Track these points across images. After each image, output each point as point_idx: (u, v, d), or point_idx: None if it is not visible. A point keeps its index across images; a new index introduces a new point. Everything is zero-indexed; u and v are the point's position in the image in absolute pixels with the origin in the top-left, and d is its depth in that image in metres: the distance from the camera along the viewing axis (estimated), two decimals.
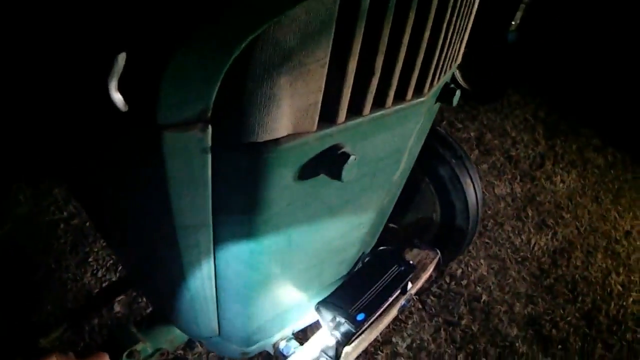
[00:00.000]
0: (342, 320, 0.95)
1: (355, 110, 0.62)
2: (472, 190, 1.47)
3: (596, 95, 3.76)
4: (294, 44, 0.49)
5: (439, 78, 0.75)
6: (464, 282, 1.97)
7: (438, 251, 1.33)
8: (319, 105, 0.58)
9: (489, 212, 2.41)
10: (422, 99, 0.73)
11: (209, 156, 0.56)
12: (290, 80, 0.51)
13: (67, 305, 1.41)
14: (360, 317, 0.95)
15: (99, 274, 1.50)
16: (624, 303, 2.18)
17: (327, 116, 0.60)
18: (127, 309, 1.45)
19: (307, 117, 0.57)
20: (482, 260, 2.10)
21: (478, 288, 1.98)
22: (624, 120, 3.60)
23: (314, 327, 1.11)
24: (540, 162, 2.81)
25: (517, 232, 2.30)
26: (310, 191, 0.68)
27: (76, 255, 1.54)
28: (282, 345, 1.06)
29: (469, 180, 1.47)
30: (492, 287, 2.00)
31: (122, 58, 0.44)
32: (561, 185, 2.69)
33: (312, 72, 0.53)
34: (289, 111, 0.54)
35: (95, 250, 1.58)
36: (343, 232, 0.91)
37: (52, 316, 1.35)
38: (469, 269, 2.03)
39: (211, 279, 0.77)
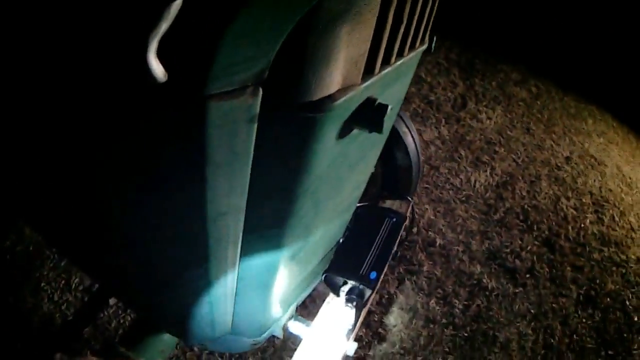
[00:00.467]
0: (355, 283, 1.08)
1: (384, 60, 0.73)
2: (410, 138, 1.62)
3: (509, 28, 4.16)
4: None
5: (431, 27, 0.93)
6: (414, 229, 2.04)
7: (410, 199, 1.54)
8: (366, 55, 0.66)
9: (422, 157, 2.61)
10: (424, 46, 0.91)
11: (255, 125, 0.57)
12: (349, 29, 0.56)
13: (37, 338, 1.51)
14: (372, 275, 1.08)
15: (55, 297, 1.57)
16: (582, 225, 2.40)
17: (367, 68, 0.69)
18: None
19: (355, 69, 0.64)
20: (426, 206, 2.19)
21: (430, 233, 2.06)
22: (542, 51, 4.03)
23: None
24: (462, 103, 3.03)
25: (454, 173, 2.44)
26: (342, 150, 0.76)
27: (29, 283, 1.57)
28: (291, 326, 1.14)
29: (405, 129, 1.67)
30: (443, 230, 2.09)
31: (175, 7, 0.38)
32: (488, 122, 2.91)
33: (366, 20, 0.60)
34: (342, 64, 0.60)
35: (45, 273, 1.58)
36: (350, 191, 1.02)
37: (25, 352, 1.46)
38: (416, 216, 2.11)
39: (235, 271, 0.83)
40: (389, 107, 0.69)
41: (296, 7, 0.48)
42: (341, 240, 1.21)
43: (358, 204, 1.26)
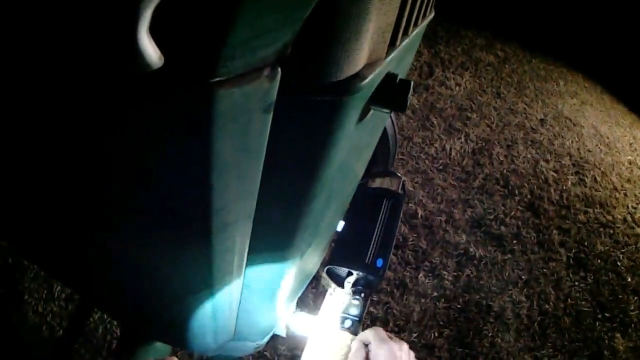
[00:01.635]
0: (361, 273, 1.04)
1: (404, 30, 0.69)
2: None
3: None
4: None
5: None
6: (403, 192, 2.10)
7: (399, 175, 1.54)
8: (393, 25, 0.62)
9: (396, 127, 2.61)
10: (432, 15, 0.91)
11: (270, 115, 0.51)
12: None
13: (27, 352, 1.54)
14: (379, 263, 1.04)
15: (39, 309, 1.58)
16: (564, 187, 2.46)
17: (391, 39, 0.65)
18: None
19: (382, 41, 0.60)
20: (404, 177, 2.29)
21: (410, 205, 2.06)
22: (505, 14, 4.04)
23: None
24: (428, 71, 3.04)
25: (428, 142, 2.43)
26: (358, 136, 0.72)
27: (12, 296, 1.61)
28: (293, 323, 1.11)
29: None
30: (424, 201, 2.09)
31: None
32: (457, 88, 2.93)
33: None
34: (370, 35, 0.55)
35: (27, 284, 1.62)
36: (355, 178, 1.01)
37: None
38: (403, 178, 2.19)
39: (240, 281, 0.79)
40: (411, 82, 0.66)
41: None
42: (339, 229, 1.20)
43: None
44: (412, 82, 0.65)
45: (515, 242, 2.06)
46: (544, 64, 3.61)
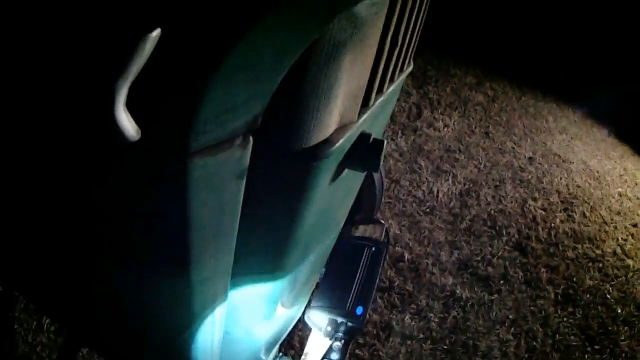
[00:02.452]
0: (341, 319, 1.13)
1: (378, 88, 0.72)
2: None
3: (459, 32, 4.41)
4: (364, 14, 0.52)
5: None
6: (385, 240, 2.25)
7: (383, 222, 1.61)
8: (365, 87, 0.65)
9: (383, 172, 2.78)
10: (411, 68, 0.93)
11: (244, 180, 0.54)
12: (352, 58, 0.55)
13: None
14: (359, 310, 1.13)
15: (29, 339, 1.65)
16: (552, 224, 2.57)
17: (363, 101, 0.68)
18: None
19: (354, 104, 0.64)
20: (390, 221, 2.31)
21: (397, 248, 2.18)
22: (495, 52, 4.28)
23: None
24: (417, 112, 3.20)
25: (415, 185, 2.58)
26: (335, 187, 0.75)
27: (2, 325, 1.68)
28: None
29: None
30: (410, 244, 2.21)
31: (152, 41, 0.31)
32: (446, 129, 3.08)
33: (370, 46, 0.59)
34: (341, 100, 0.58)
35: (17, 314, 1.69)
36: (333, 226, 1.05)
37: None
38: (391, 239, 2.33)
39: (222, 328, 0.83)
40: (385, 142, 0.70)
41: (304, 33, 0.44)
42: (321, 276, 1.26)
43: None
44: (385, 142, 0.69)
45: (502, 282, 2.19)
46: (533, 100, 3.78)
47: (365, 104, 0.69)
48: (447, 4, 4.50)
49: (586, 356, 2.02)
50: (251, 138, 0.50)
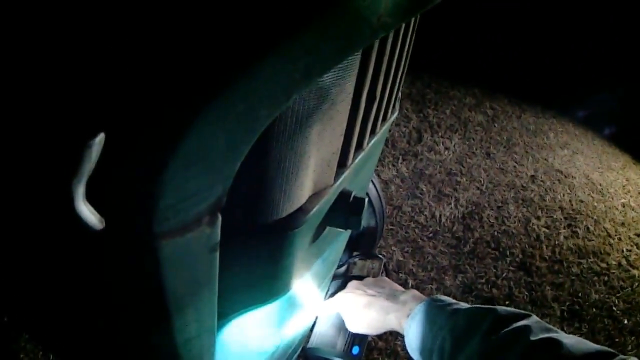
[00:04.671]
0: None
1: (357, 146, 0.73)
2: (371, 184, 1.79)
3: (457, 52, 4.60)
4: (329, 81, 0.52)
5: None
6: (383, 274, 2.38)
7: (381, 257, 1.64)
8: (339, 151, 0.66)
9: (384, 199, 2.91)
10: (396, 114, 0.94)
11: (217, 253, 0.55)
12: (320, 129, 0.55)
13: None
14: (355, 350, 1.16)
15: None
16: (556, 242, 2.69)
17: (340, 162, 0.69)
18: None
19: (328, 170, 0.64)
20: (393, 247, 2.44)
21: (401, 275, 2.30)
22: (493, 71, 4.42)
23: None
24: (417, 137, 3.35)
25: (418, 210, 2.71)
26: (313, 249, 0.77)
27: (8, 355, 1.75)
28: None
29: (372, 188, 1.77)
30: (414, 270, 2.33)
31: (98, 144, 0.35)
32: (446, 152, 3.22)
33: (340, 112, 0.59)
34: (312, 169, 0.59)
35: (22, 344, 1.77)
36: (326, 272, 1.08)
37: None
38: (384, 260, 2.47)
39: None
40: (365, 200, 0.71)
41: (255, 122, 0.43)
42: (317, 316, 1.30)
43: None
44: (365, 201, 0.70)
45: (507, 302, 2.31)
46: (533, 117, 3.93)
47: (343, 164, 0.70)
48: (442, 25, 4.70)
49: None
50: (219, 215, 0.50)
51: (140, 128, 0.39)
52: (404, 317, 0.88)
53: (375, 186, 1.85)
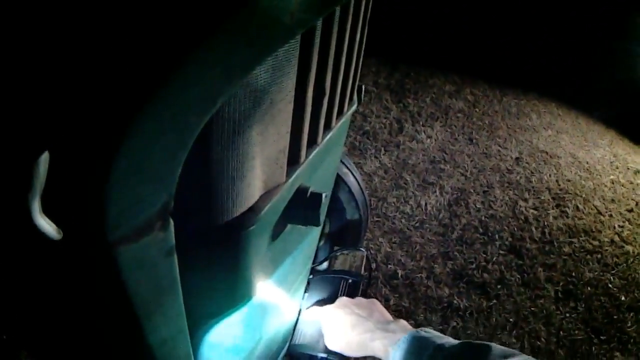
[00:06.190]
0: (323, 356, 1.18)
1: (310, 142, 0.73)
2: (352, 177, 1.81)
3: (434, 39, 4.60)
4: (264, 81, 0.52)
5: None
6: (373, 265, 2.27)
7: (363, 249, 1.67)
8: (287, 149, 0.66)
9: (367, 191, 2.88)
10: (354, 106, 0.93)
11: (174, 256, 0.57)
12: (261, 129, 0.56)
13: None
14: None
15: None
16: (546, 223, 2.69)
17: (291, 159, 0.69)
18: None
19: (278, 168, 0.65)
20: (380, 239, 2.43)
21: (390, 266, 2.29)
22: (470, 56, 4.47)
23: None
24: (398, 127, 3.36)
25: (403, 200, 2.71)
26: (278, 246, 0.79)
27: None
28: None
29: (345, 169, 1.79)
30: (402, 260, 2.32)
31: (44, 162, 0.38)
32: (429, 140, 3.22)
33: (282, 111, 0.60)
34: (259, 169, 0.60)
35: None
36: (299, 269, 1.10)
37: None
38: (372, 252, 2.37)
39: None
40: (324, 195, 0.72)
41: (184, 133, 0.45)
42: (299, 313, 1.32)
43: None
44: (323, 195, 0.72)
45: (499, 287, 2.31)
46: (515, 99, 3.94)
47: (295, 162, 0.71)
48: (417, 15, 4.71)
49: (593, 348, 2.11)
50: (171, 220, 0.53)
51: (78, 145, 0.41)
52: (390, 345, 0.91)
53: (357, 179, 1.85)
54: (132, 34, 0.38)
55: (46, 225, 0.42)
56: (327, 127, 0.81)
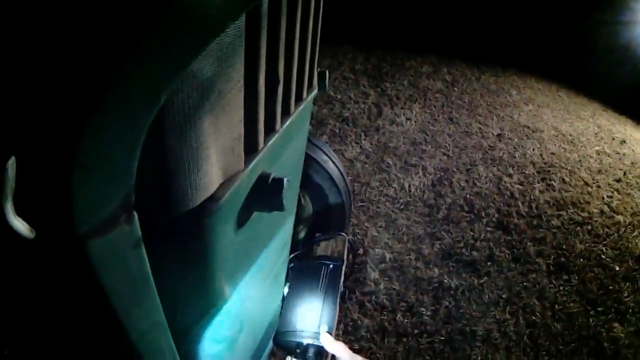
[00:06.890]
0: (309, 341, 1.19)
1: (268, 129, 0.76)
2: (332, 164, 1.81)
3: (408, 21, 4.58)
4: (210, 72, 0.55)
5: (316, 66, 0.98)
6: (360, 251, 2.24)
7: (344, 234, 1.69)
8: (242, 137, 0.68)
9: (350, 177, 2.83)
10: (315, 91, 0.96)
11: (142, 248, 0.60)
12: (212, 119, 0.58)
13: None
14: (326, 330, 1.19)
15: None
16: (532, 197, 2.66)
17: (249, 147, 0.71)
18: None
19: (234, 156, 0.67)
20: (366, 224, 2.39)
21: (377, 250, 2.25)
22: (446, 36, 4.46)
23: None
24: (377, 111, 3.32)
25: (386, 183, 2.67)
26: (249, 234, 0.81)
27: None
28: None
29: (325, 157, 1.80)
30: (390, 243, 2.28)
31: (11, 167, 0.41)
32: (408, 123, 3.19)
33: (232, 100, 0.61)
34: (215, 157, 0.62)
35: None
36: (275, 258, 1.11)
37: None
38: (359, 237, 2.33)
39: None
40: (285, 180, 0.74)
41: (136, 132, 0.48)
42: (282, 301, 1.34)
43: (291, 255, 1.39)
44: (284, 180, 0.74)
45: (489, 263, 2.27)
46: (493, 77, 3.92)
47: (254, 149, 0.73)
48: None
49: (591, 320, 2.09)
50: (134, 213, 0.56)
51: (41, 147, 0.45)
52: None
53: (336, 165, 1.85)
54: (76, 43, 0.43)
55: (20, 226, 0.45)
56: (286, 113, 0.83)
